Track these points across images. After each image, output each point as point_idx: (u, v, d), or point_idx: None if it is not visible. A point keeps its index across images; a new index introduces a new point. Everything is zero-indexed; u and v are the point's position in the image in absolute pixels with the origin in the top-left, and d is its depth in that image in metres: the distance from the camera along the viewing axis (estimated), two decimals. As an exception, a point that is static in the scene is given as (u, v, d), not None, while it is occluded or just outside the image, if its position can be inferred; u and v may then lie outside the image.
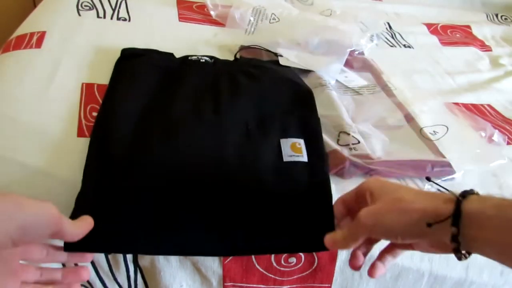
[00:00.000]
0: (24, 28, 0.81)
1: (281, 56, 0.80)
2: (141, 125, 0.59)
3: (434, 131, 0.71)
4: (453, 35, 1.12)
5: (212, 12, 0.96)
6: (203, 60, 0.74)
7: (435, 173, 0.62)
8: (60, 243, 0.46)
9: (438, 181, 0.63)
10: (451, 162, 0.64)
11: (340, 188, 0.58)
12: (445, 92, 0.86)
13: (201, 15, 0.96)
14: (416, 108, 0.76)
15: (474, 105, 0.84)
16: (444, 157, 0.65)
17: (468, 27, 1.16)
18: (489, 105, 0.85)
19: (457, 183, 0.64)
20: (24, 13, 0.88)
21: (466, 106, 0.83)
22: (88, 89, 0.67)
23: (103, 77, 0.69)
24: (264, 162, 0.57)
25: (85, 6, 0.88)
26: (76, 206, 0.50)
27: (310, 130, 0.63)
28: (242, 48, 0.82)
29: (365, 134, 0.67)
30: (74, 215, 0.48)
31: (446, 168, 0.63)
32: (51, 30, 0.78)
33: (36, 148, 0.57)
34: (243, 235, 0.51)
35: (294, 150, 0.60)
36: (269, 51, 0.82)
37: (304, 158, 0.59)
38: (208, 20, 0.95)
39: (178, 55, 0.76)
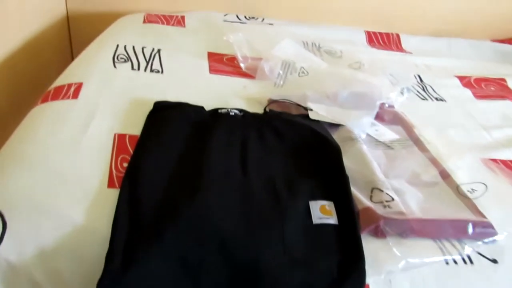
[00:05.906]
0: (63, 79, 0.84)
1: (311, 110, 0.80)
2: (170, 182, 0.59)
3: (472, 189, 0.67)
4: (488, 88, 1.09)
5: (242, 65, 0.98)
6: (233, 113, 0.74)
7: (476, 234, 0.59)
8: None
9: (479, 243, 0.59)
10: (493, 223, 0.60)
11: (373, 248, 0.55)
12: (481, 148, 0.83)
13: (231, 67, 0.98)
14: (451, 164, 0.73)
15: (513, 162, 0.80)
16: (484, 217, 0.61)
17: (503, 80, 1.14)
18: (529, 162, 0.81)
19: (499, 246, 0.60)
20: (63, 65, 0.92)
21: (504, 162, 0.79)
22: (120, 139, 0.68)
23: (135, 128, 0.70)
24: (292, 224, 0.56)
25: (121, 58, 0.92)
26: (105, 268, 0.49)
27: (339, 191, 0.61)
28: (272, 101, 0.83)
29: (399, 191, 0.64)
30: (102, 279, 0.48)
31: (488, 229, 0.60)
32: (87, 82, 0.81)
33: (68, 198, 0.57)
34: None
35: (323, 212, 0.58)
36: (299, 105, 0.82)
37: (334, 220, 0.58)
38: (238, 72, 0.96)
39: (208, 106, 0.77)
